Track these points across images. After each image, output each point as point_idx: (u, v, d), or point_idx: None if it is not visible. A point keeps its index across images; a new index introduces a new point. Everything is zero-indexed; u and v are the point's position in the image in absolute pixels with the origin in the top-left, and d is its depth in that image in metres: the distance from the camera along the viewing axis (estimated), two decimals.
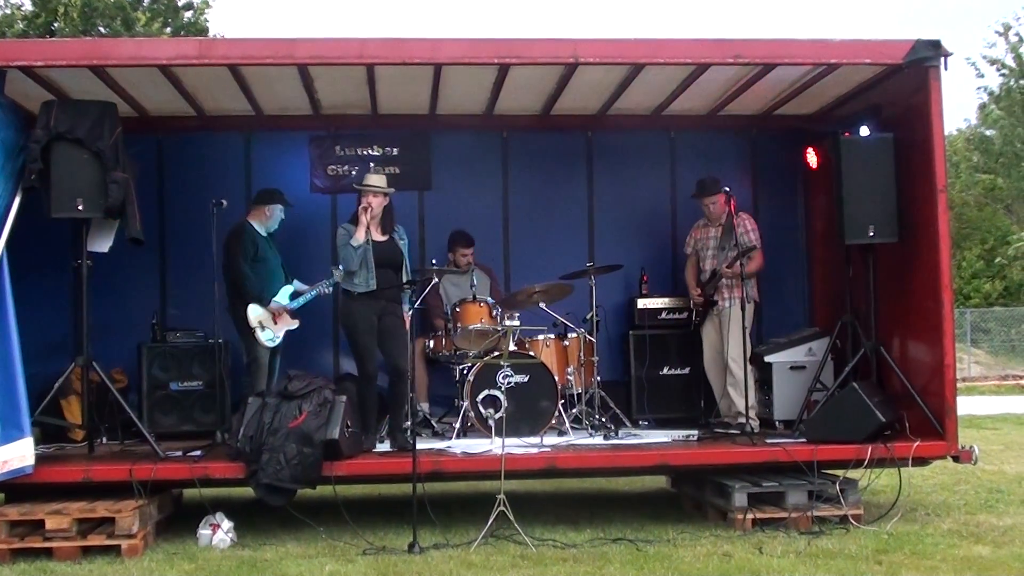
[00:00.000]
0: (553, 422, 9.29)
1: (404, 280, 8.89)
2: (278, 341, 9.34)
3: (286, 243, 9.82)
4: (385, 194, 8.87)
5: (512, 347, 9.47)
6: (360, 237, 8.67)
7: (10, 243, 7.79)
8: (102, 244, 8.79)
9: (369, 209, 8.72)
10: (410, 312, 8.86)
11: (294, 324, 9.45)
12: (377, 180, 8.90)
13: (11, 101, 8.27)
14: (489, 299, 9.79)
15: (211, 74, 8.96)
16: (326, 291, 9.52)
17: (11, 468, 7.57)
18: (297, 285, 9.55)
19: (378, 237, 8.84)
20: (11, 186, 7.95)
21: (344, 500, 8.06)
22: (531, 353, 9.62)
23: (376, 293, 8.75)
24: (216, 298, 8.97)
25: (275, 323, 9.28)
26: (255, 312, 9.18)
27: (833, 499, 8.09)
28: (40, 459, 7.93)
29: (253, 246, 9.34)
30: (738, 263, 9.36)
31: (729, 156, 11.09)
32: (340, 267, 8.90)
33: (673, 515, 8.72)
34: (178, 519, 8.55)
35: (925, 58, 8.33)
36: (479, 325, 9.58)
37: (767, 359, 9.82)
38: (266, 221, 9.54)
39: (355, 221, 8.78)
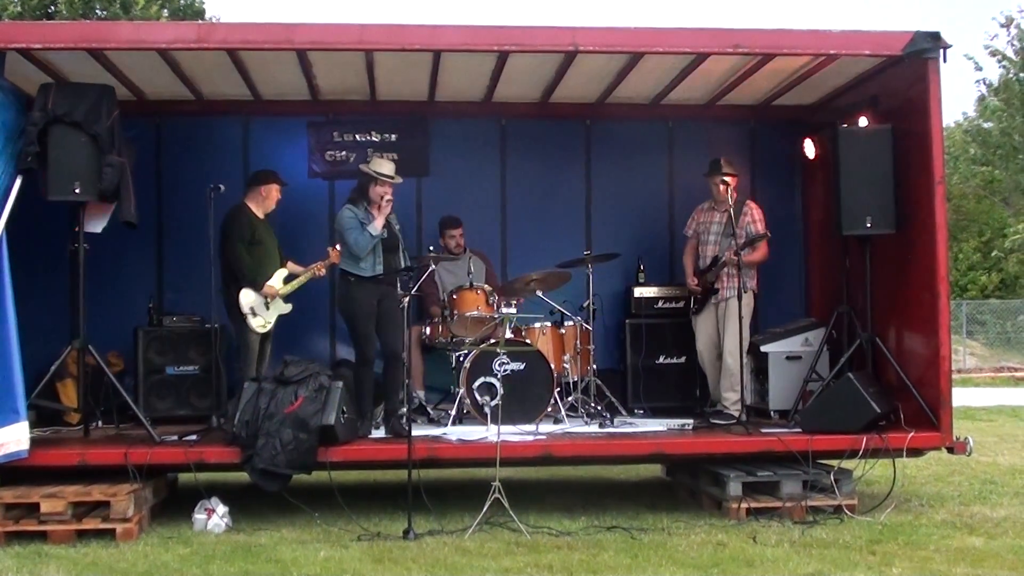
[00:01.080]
0: (549, 410, 9.29)
1: (403, 265, 8.89)
2: (269, 327, 9.33)
3: (283, 227, 9.80)
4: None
5: (508, 335, 9.47)
6: (379, 227, 8.70)
7: (8, 226, 7.79)
8: (95, 225, 8.78)
9: (392, 202, 8.76)
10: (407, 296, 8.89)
11: (287, 309, 9.43)
12: (390, 169, 8.92)
13: (12, 84, 8.26)
14: (486, 286, 9.79)
15: (210, 58, 8.95)
16: (320, 273, 9.52)
17: (7, 452, 7.58)
18: (291, 267, 9.55)
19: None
20: (11, 168, 7.95)
21: (339, 486, 8.04)
22: (527, 341, 9.62)
23: (379, 278, 8.77)
24: (213, 282, 8.96)
25: (267, 308, 9.26)
26: (247, 298, 9.15)
27: (828, 489, 8.11)
28: (35, 442, 7.93)
29: (250, 229, 9.30)
30: (743, 251, 9.31)
31: (727, 146, 11.02)
32: (336, 248, 8.94)
33: (668, 504, 8.73)
34: (173, 503, 8.55)
35: (924, 50, 8.31)
36: (475, 312, 9.58)
37: (763, 349, 9.81)
38: (263, 203, 9.49)
39: (356, 202, 8.81)
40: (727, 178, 9.75)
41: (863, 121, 9.06)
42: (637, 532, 7.53)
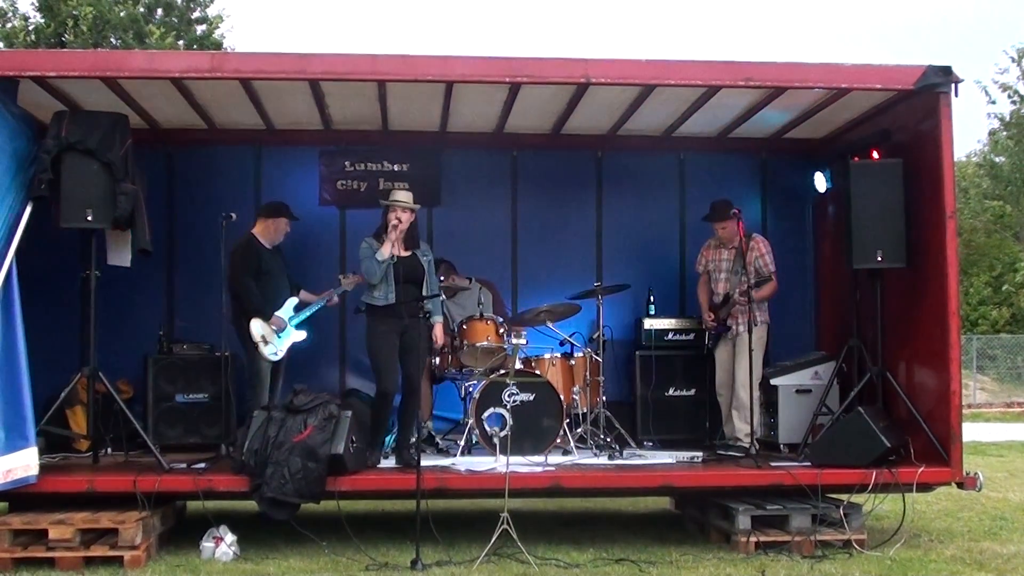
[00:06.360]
0: (558, 441, 9.27)
1: (423, 295, 8.86)
2: (281, 355, 9.34)
3: (294, 257, 9.82)
4: (412, 210, 8.89)
5: (518, 365, 9.46)
6: (386, 252, 8.68)
7: (19, 252, 7.81)
8: (122, 258, 8.83)
9: (399, 225, 8.73)
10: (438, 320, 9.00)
11: (300, 337, 9.45)
12: (405, 196, 8.91)
13: (24, 111, 8.31)
14: (496, 317, 9.80)
15: (223, 87, 9.00)
16: (333, 301, 9.56)
17: (15, 477, 7.59)
18: (303, 296, 9.57)
19: (401, 253, 8.84)
20: (23, 195, 7.98)
21: (347, 515, 8.05)
22: (537, 372, 9.61)
23: (396, 309, 8.73)
24: (223, 311, 8.97)
25: (279, 337, 9.28)
26: (258, 327, 9.17)
27: (837, 523, 8.07)
28: (44, 469, 7.93)
29: (257, 259, 9.32)
30: (750, 291, 9.33)
31: (738, 178, 11.10)
32: (349, 275, 8.95)
33: (676, 536, 8.71)
34: (181, 531, 8.54)
35: (936, 84, 8.32)
36: (485, 343, 9.58)
37: (773, 382, 9.79)
38: (271, 235, 9.53)
39: (379, 236, 8.80)
40: (726, 222, 9.77)
41: (874, 155, 9.07)
42: (645, 565, 7.50)
